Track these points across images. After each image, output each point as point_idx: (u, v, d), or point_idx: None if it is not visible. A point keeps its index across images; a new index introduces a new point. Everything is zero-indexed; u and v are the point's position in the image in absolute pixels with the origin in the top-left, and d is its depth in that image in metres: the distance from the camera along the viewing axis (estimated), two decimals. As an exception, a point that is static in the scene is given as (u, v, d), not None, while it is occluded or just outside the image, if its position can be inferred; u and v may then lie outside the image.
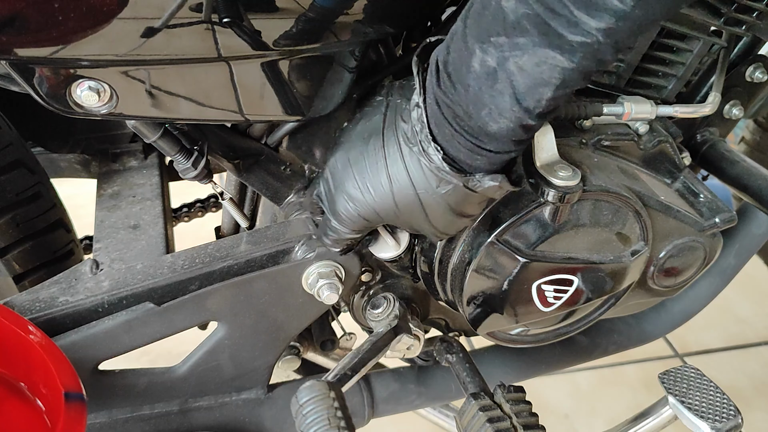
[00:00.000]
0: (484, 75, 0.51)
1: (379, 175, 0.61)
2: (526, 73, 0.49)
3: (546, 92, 0.50)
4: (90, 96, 0.57)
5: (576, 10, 0.45)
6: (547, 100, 0.51)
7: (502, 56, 0.49)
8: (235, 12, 0.56)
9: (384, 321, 0.76)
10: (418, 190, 0.59)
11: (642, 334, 1.04)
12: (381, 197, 0.62)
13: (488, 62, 0.50)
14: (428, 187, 0.59)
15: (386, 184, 0.61)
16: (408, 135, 0.59)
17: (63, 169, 1.09)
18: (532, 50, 0.48)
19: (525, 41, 0.48)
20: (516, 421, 0.68)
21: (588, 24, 0.45)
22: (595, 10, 0.44)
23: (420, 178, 0.59)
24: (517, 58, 0.49)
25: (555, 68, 0.48)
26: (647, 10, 0.44)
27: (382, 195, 0.61)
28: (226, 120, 0.69)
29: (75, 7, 0.51)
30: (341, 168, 0.65)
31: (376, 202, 0.62)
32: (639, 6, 0.43)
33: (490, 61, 0.50)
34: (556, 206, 0.67)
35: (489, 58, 0.50)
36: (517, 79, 0.50)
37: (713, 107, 0.79)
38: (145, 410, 0.74)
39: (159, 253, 0.83)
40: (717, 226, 0.78)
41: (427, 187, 0.59)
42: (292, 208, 0.77)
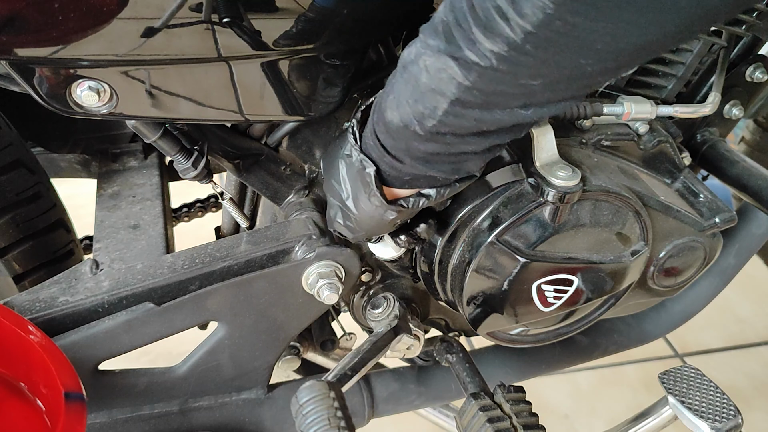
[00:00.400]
0: (402, 63, 0.53)
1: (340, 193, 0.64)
2: (430, 76, 0.50)
3: (442, 103, 0.51)
4: (90, 96, 0.57)
5: (475, 27, 0.45)
6: (443, 112, 0.51)
7: (419, 51, 0.51)
8: (235, 12, 0.56)
9: (384, 321, 0.76)
10: (362, 198, 0.62)
11: (642, 334, 1.04)
12: (350, 212, 0.65)
13: (411, 53, 0.52)
14: (365, 195, 0.62)
15: (348, 200, 0.64)
16: (350, 145, 0.62)
17: (63, 169, 1.09)
18: (437, 54, 0.49)
19: (434, 43, 0.49)
20: (516, 421, 0.68)
21: (483, 45, 0.46)
22: (490, 32, 0.45)
23: (361, 188, 0.62)
24: (427, 57, 0.50)
25: (452, 80, 0.49)
26: (539, 49, 0.44)
27: (351, 211, 0.64)
28: (226, 120, 0.69)
29: (75, 7, 0.51)
30: (325, 186, 0.68)
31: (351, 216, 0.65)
32: (529, 41, 0.44)
33: (412, 53, 0.52)
34: (556, 206, 0.67)
35: (413, 50, 0.52)
36: (421, 77, 0.51)
37: (713, 107, 0.79)
38: (145, 410, 0.74)
39: (159, 253, 0.83)
40: (717, 226, 0.78)
41: (368, 195, 0.61)
42: (292, 208, 0.77)
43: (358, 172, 0.60)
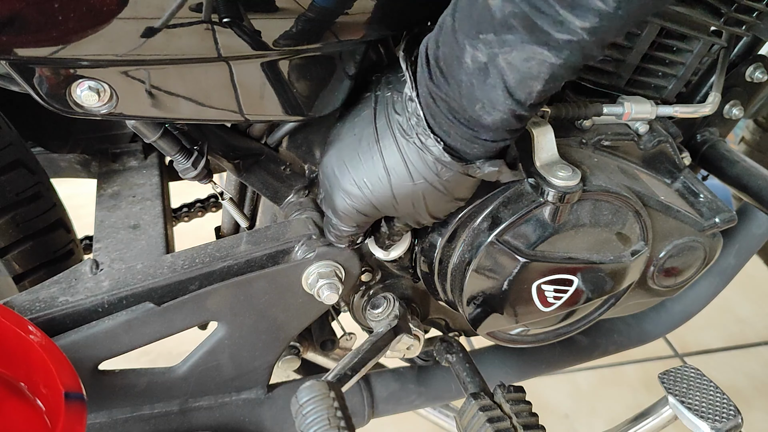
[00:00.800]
0: (476, 70, 0.52)
1: (375, 169, 0.61)
2: (516, 69, 0.50)
3: (536, 85, 0.51)
4: (90, 96, 0.57)
5: (561, 9, 0.46)
6: (538, 92, 0.52)
7: (492, 52, 0.50)
8: (235, 12, 0.56)
9: (384, 321, 0.76)
10: (417, 180, 0.60)
11: (642, 334, 1.04)
12: (379, 191, 0.62)
13: (479, 58, 0.51)
14: (429, 176, 0.60)
15: (384, 177, 0.61)
16: (404, 127, 0.59)
17: (63, 169, 1.09)
18: (520, 47, 0.49)
19: (513, 38, 0.49)
20: (516, 421, 0.68)
21: (573, 23, 0.46)
22: (580, 9, 0.45)
23: (420, 169, 0.59)
24: (507, 54, 0.50)
25: (543, 63, 0.49)
26: (629, 9, 0.45)
27: (380, 188, 0.62)
28: (226, 120, 0.69)
29: (75, 7, 0.51)
30: (336, 166, 0.65)
31: (374, 196, 0.62)
32: (622, 7, 0.45)
33: (480, 56, 0.51)
34: (556, 206, 0.67)
35: (479, 54, 0.51)
36: (507, 74, 0.51)
37: (713, 107, 0.79)
38: (145, 410, 0.74)
39: (159, 253, 0.83)
40: (717, 226, 0.78)
41: (428, 176, 0.60)
42: (292, 208, 0.77)
43: (426, 153, 0.59)
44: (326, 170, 0.66)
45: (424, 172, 0.59)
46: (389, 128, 0.61)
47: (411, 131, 0.59)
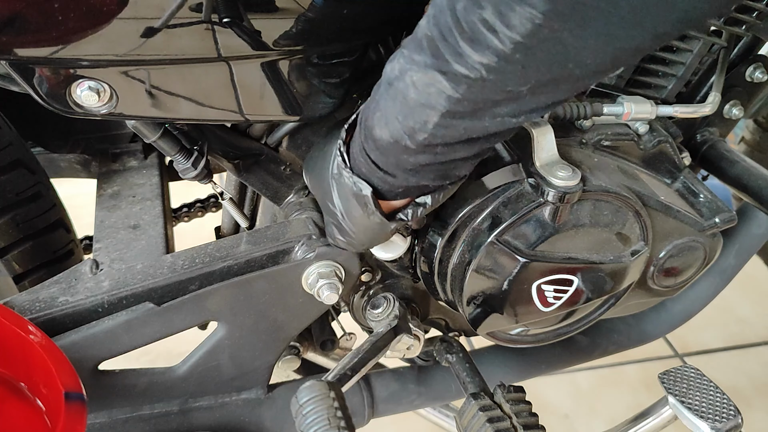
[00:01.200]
0: (387, 80, 0.53)
1: (331, 206, 0.65)
2: (418, 91, 0.50)
3: (432, 116, 0.51)
4: (90, 96, 0.57)
5: (461, 41, 0.45)
6: (433, 126, 0.51)
7: (404, 67, 0.51)
8: (235, 12, 0.56)
9: (384, 321, 0.76)
10: (353, 209, 0.63)
11: (642, 334, 1.04)
12: (340, 223, 0.65)
13: (395, 69, 0.52)
14: (357, 207, 0.62)
15: (339, 214, 0.64)
16: (339, 163, 0.61)
17: (63, 169, 1.09)
18: (424, 70, 0.49)
19: (420, 59, 0.49)
20: (516, 421, 0.68)
21: (471, 57, 0.46)
22: (478, 45, 0.45)
23: (351, 202, 0.62)
24: (413, 72, 0.50)
25: (441, 94, 0.49)
26: (527, 59, 0.44)
27: (341, 223, 0.65)
28: (226, 120, 0.69)
29: (75, 7, 0.51)
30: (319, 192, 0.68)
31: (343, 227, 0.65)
32: (519, 51, 0.44)
33: (396, 69, 0.52)
34: (556, 206, 0.67)
35: (397, 66, 0.52)
36: (409, 93, 0.51)
37: (713, 107, 0.79)
38: (145, 410, 0.74)
39: (159, 253, 0.83)
40: (717, 226, 0.78)
41: (359, 206, 0.62)
42: (292, 208, 0.77)
43: (353, 194, 0.61)
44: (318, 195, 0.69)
45: (355, 206, 0.62)
46: (334, 165, 0.63)
47: (339, 171, 0.61)
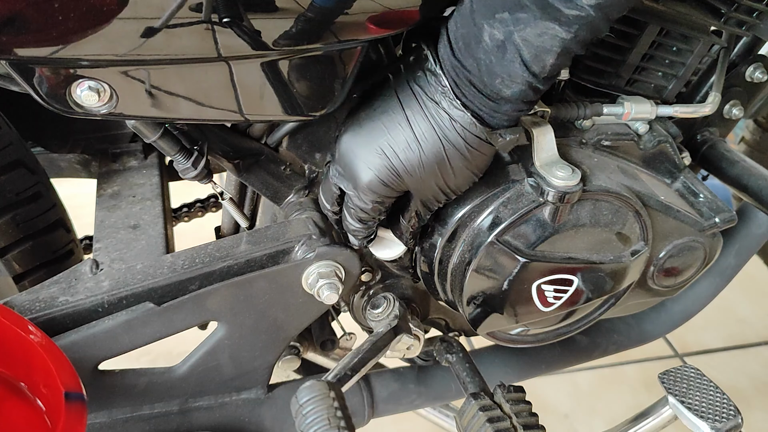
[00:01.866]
0: (494, 48, 0.57)
1: (403, 135, 0.63)
2: (530, 44, 0.55)
3: (549, 59, 0.56)
4: (90, 96, 0.57)
5: None
6: (551, 65, 0.56)
7: (508, 30, 0.55)
8: (235, 12, 0.56)
9: (384, 321, 0.76)
10: (446, 146, 0.63)
11: (642, 334, 1.04)
12: (407, 157, 0.63)
13: (496, 36, 0.56)
14: (458, 142, 0.62)
15: (413, 142, 0.63)
16: (431, 96, 0.62)
17: (63, 169, 1.09)
18: (533, 23, 0.54)
19: (526, 16, 0.54)
20: (516, 421, 0.68)
21: (580, 0, 0.51)
22: None
23: (449, 135, 0.62)
24: (521, 31, 0.55)
25: (555, 38, 0.54)
26: None
27: (409, 154, 0.63)
28: (226, 120, 0.69)
29: (75, 7, 0.51)
30: (358, 139, 0.66)
31: (401, 162, 0.64)
32: None
33: (498, 35, 0.56)
34: (556, 206, 0.67)
35: (497, 32, 0.56)
36: (523, 50, 0.55)
37: (713, 107, 0.79)
38: (145, 410, 0.74)
39: (159, 253, 0.83)
40: (717, 226, 0.78)
41: (456, 142, 0.62)
42: (292, 208, 0.77)
43: (462, 126, 0.62)
44: (347, 145, 0.67)
45: (453, 138, 0.62)
46: (416, 98, 0.63)
47: (438, 100, 0.62)
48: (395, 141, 0.63)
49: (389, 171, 0.64)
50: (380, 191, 0.65)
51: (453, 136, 0.62)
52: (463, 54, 0.59)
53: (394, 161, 0.64)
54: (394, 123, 0.64)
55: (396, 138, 0.63)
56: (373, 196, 0.66)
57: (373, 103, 0.67)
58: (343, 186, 0.68)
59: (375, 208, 0.67)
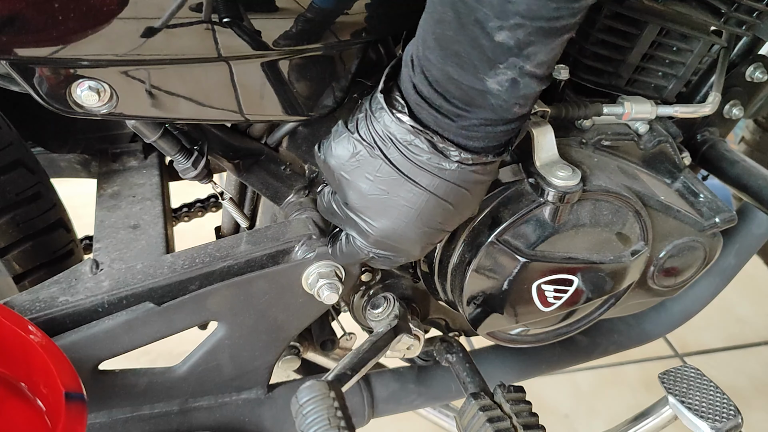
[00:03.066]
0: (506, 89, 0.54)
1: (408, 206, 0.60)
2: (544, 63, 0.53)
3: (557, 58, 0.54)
4: (90, 96, 0.57)
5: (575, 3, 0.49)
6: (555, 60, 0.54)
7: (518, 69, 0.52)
8: (235, 12, 0.56)
9: (384, 321, 0.76)
10: (450, 200, 0.60)
11: (642, 334, 1.04)
12: (406, 219, 0.61)
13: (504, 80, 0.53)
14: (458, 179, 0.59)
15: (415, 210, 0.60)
16: (435, 164, 0.58)
17: (63, 169, 1.09)
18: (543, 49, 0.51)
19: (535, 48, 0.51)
20: (516, 421, 0.68)
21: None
22: None
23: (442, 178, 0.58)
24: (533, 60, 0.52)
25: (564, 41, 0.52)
26: None
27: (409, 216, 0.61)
28: (226, 120, 0.69)
29: (75, 7, 0.51)
30: (362, 202, 0.62)
31: (410, 223, 0.61)
32: None
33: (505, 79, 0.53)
34: (556, 206, 0.67)
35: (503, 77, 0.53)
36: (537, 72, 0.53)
37: (713, 107, 0.79)
38: (145, 410, 0.74)
39: (159, 253, 0.83)
40: (717, 226, 0.78)
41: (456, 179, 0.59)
42: (292, 208, 0.77)
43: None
44: (354, 201, 0.63)
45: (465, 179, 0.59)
46: (423, 172, 0.59)
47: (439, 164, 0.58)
48: (402, 207, 0.60)
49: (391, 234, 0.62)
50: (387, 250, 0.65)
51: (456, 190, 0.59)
52: (467, 110, 0.55)
53: (400, 224, 0.61)
54: (399, 197, 0.59)
55: (401, 205, 0.60)
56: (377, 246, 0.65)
57: (368, 175, 0.61)
58: (349, 232, 0.66)
59: None
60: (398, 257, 0.65)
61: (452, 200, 0.60)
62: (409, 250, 0.64)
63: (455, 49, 0.52)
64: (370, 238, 0.63)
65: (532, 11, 0.48)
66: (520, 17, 0.49)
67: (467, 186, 0.59)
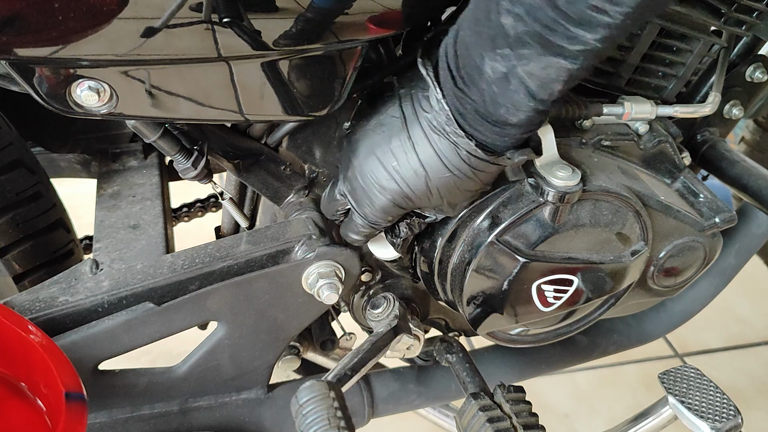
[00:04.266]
0: (497, 79, 0.55)
1: (410, 164, 0.63)
2: (536, 76, 0.53)
3: (556, 86, 0.54)
4: (90, 96, 0.57)
5: (571, 27, 0.48)
6: (558, 91, 0.55)
7: (511, 64, 0.53)
8: (235, 12, 0.56)
9: (384, 321, 0.76)
10: (453, 172, 0.62)
11: (642, 334, 1.04)
12: (415, 184, 0.64)
13: (499, 69, 0.54)
14: (463, 168, 0.62)
15: (420, 171, 0.63)
16: (434, 124, 0.61)
17: (63, 169, 1.09)
18: (537, 59, 0.52)
19: (529, 52, 0.52)
20: (516, 421, 0.68)
21: (585, 36, 0.49)
22: (589, 26, 0.48)
23: (455, 162, 0.62)
24: (525, 65, 0.52)
25: (561, 69, 0.52)
26: (635, 16, 0.47)
27: (416, 182, 0.64)
28: (226, 120, 0.69)
29: (75, 7, 0.51)
30: (368, 164, 0.66)
31: (410, 189, 0.64)
32: (629, 17, 0.47)
33: (500, 68, 0.54)
34: (556, 206, 0.67)
35: (498, 65, 0.54)
36: (528, 82, 0.54)
37: (713, 107, 0.79)
38: (145, 410, 0.74)
39: (159, 253, 0.83)
40: (717, 226, 0.78)
41: (462, 168, 0.62)
42: (292, 208, 0.77)
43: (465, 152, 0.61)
44: (358, 168, 0.67)
45: (458, 165, 0.62)
46: (419, 126, 0.63)
47: (441, 128, 0.61)
48: (404, 168, 0.63)
49: (400, 195, 0.65)
50: (391, 212, 0.67)
51: (458, 163, 0.61)
52: (466, 84, 0.58)
53: (404, 187, 0.64)
54: (402, 151, 0.63)
55: (404, 166, 0.63)
56: (385, 215, 0.67)
57: (381, 123, 0.66)
58: (351, 206, 0.69)
59: (383, 225, 0.69)
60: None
61: (428, 169, 0.63)
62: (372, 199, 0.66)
63: (477, 16, 0.54)
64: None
65: (534, 9, 0.49)
66: (524, 10, 0.49)
67: (448, 164, 0.62)
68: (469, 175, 0.63)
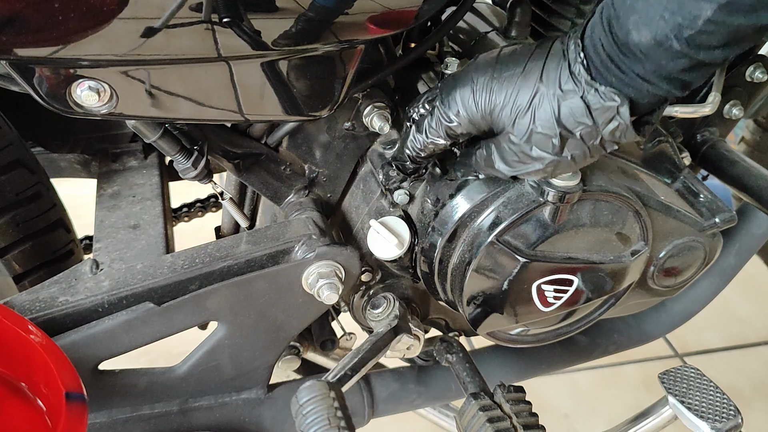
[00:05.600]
0: None
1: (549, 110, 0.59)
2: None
3: (706, 10, 0.47)
4: (90, 96, 0.57)
5: None
6: (704, 22, 0.47)
7: None
8: (235, 12, 0.56)
9: (384, 321, 0.76)
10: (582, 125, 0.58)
11: (642, 334, 1.04)
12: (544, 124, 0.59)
13: None
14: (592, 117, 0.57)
15: (554, 113, 0.58)
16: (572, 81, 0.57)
17: (63, 169, 1.09)
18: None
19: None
20: (516, 421, 0.68)
21: None
22: None
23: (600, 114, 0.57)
24: None
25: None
26: None
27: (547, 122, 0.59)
28: (226, 120, 0.69)
29: (75, 7, 0.51)
30: (487, 86, 0.61)
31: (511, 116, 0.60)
32: None
33: None
34: (556, 206, 0.67)
35: None
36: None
37: (713, 107, 0.79)
38: (145, 410, 0.74)
39: (159, 253, 0.83)
40: (717, 226, 0.78)
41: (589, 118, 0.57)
42: (292, 208, 0.77)
43: (601, 107, 0.56)
44: (475, 82, 0.62)
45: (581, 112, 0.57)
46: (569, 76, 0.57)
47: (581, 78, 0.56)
48: (517, 105, 0.59)
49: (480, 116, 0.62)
50: (476, 125, 0.63)
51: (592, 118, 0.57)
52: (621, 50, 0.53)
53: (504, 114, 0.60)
54: (530, 93, 0.59)
55: (519, 104, 0.59)
56: (469, 128, 0.64)
57: (520, 60, 0.61)
58: (449, 114, 0.64)
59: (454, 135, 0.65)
60: None
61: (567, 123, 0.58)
62: None
63: None
64: None
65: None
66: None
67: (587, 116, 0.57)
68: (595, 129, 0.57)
